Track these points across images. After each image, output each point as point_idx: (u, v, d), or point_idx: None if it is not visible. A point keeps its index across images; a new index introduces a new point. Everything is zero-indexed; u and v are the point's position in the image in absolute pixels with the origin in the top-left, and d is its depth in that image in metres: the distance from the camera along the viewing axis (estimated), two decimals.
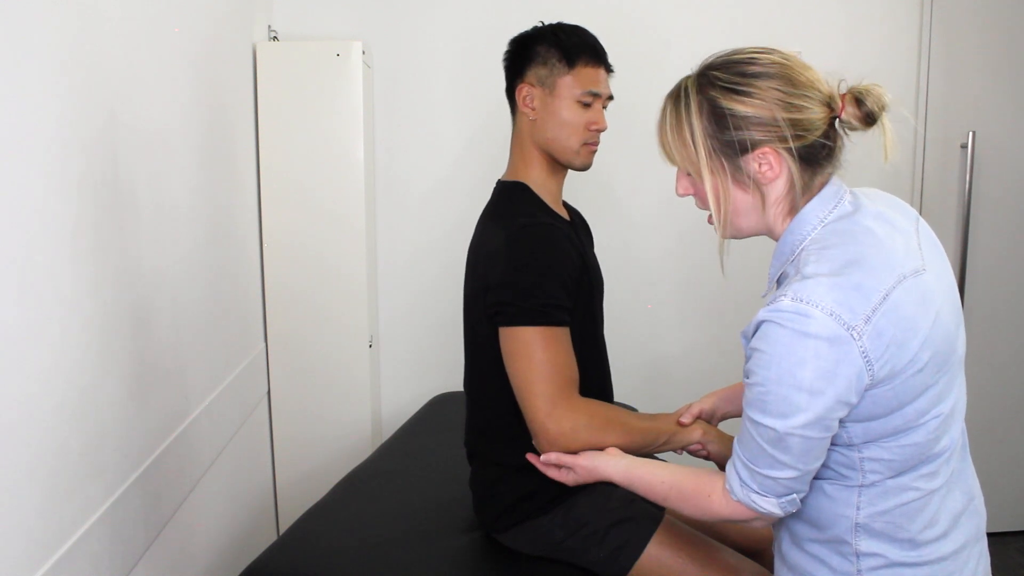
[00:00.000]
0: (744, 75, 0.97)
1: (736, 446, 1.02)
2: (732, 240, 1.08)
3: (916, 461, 0.97)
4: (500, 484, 1.45)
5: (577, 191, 1.58)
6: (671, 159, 1.05)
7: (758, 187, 1.00)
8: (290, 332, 2.31)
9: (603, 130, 1.45)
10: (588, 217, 1.68)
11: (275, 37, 2.35)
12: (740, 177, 1.00)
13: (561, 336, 1.30)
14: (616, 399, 1.65)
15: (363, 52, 2.23)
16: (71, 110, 1.17)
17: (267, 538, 2.26)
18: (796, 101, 0.95)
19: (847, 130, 0.99)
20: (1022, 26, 2.60)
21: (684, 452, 1.36)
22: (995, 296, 2.72)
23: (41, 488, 1.07)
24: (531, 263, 1.32)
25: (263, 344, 2.30)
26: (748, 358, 0.97)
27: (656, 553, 1.37)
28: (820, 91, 0.97)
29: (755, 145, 0.97)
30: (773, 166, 0.98)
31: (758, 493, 0.99)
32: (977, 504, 1.06)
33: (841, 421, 0.95)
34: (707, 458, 1.34)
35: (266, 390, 2.32)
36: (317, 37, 2.41)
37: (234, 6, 2.04)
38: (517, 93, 1.46)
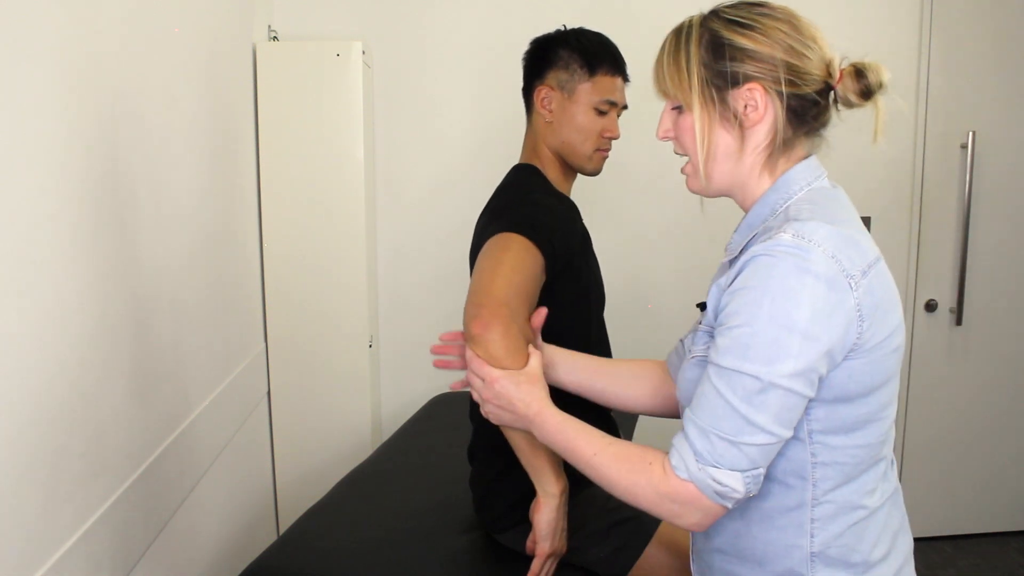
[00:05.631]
0: (752, 12, 0.97)
1: (689, 415, 0.90)
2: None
3: (864, 466, 0.94)
4: (500, 484, 1.45)
5: (577, 190, 1.58)
6: (662, 90, 1.02)
7: (740, 129, 0.97)
8: (290, 332, 2.31)
9: (616, 138, 1.47)
10: (587, 216, 1.67)
11: (275, 37, 2.35)
12: (726, 114, 0.97)
13: (536, 260, 1.23)
14: None
15: (363, 52, 2.23)
16: (71, 110, 1.17)
17: (267, 538, 2.26)
18: (798, 47, 0.95)
19: (840, 105, 0.98)
20: (1022, 26, 2.60)
21: None
22: (995, 296, 2.73)
23: (41, 488, 1.07)
24: (533, 206, 1.31)
25: (263, 344, 2.30)
26: (724, 306, 0.90)
27: (656, 553, 1.37)
28: (823, 50, 0.96)
29: (746, 79, 0.95)
30: (759, 107, 0.95)
31: (715, 467, 0.86)
32: (907, 522, 1.02)
33: (808, 404, 0.90)
34: None
35: (266, 390, 2.32)
36: (317, 37, 2.41)
37: (234, 6, 2.04)
38: (536, 94, 1.47)
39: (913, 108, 2.59)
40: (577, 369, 1.23)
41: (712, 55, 0.96)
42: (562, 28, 1.49)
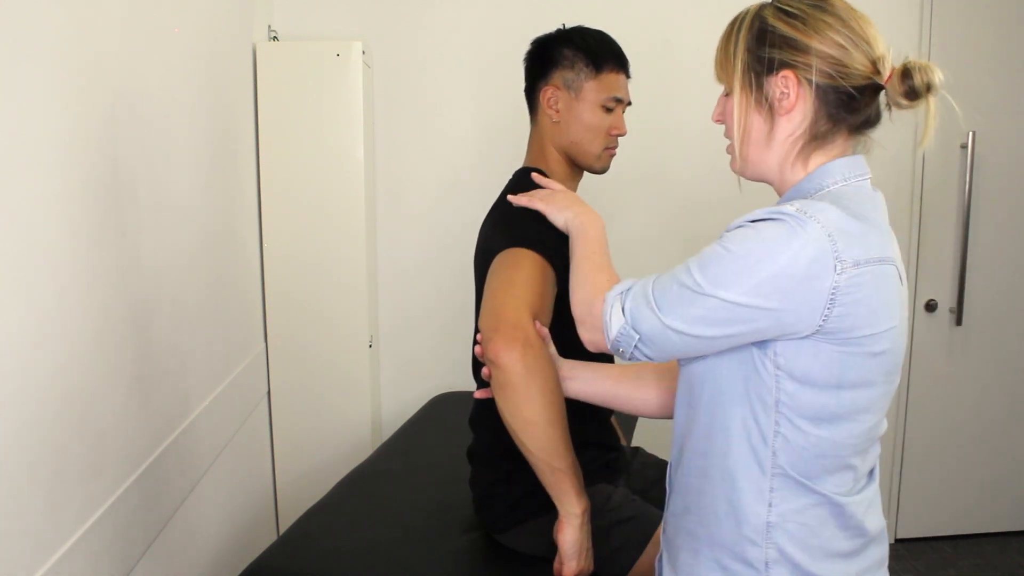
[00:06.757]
0: (804, 3, 0.98)
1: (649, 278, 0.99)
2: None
3: (829, 464, 0.94)
4: (500, 484, 1.45)
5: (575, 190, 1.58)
6: (718, 75, 1.05)
7: (772, 116, 0.99)
8: (290, 332, 2.31)
9: (623, 135, 1.48)
10: None
11: (275, 37, 2.35)
12: (761, 99, 0.99)
13: (547, 275, 1.25)
14: None
15: (363, 52, 2.23)
16: (72, 110, 1.17)
17: (267, 538, 2.26)
18: (841, 40, 0.95)
19: (891, 106, 0.99)
20: (1022, 26, 2.60)
21: None
22: (995, 296, 2.73)
23: (41, 488, 1.07)
24: (541, 217, 1.30)
25: (263, 344, 2.30)
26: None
27: (656, 553, 1.37)
28: (872, 48, 0.96)
29: (782, 66, 0.96)
30: (790, 94, 0.97)
31: (619, 305, 0.96)
32: (885, 534, 1.02)
33: (778, 375, 0.91)
34: None
35: (266, 390, 2.32)
36: (317, 37, 2.41)
37: (234, 6, 2.04)
38: (541, 95, 1.47)
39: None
40: (599, 379, 1.25)
41: (756, 41, 0.98)
42: (562, 27, 1.49)
